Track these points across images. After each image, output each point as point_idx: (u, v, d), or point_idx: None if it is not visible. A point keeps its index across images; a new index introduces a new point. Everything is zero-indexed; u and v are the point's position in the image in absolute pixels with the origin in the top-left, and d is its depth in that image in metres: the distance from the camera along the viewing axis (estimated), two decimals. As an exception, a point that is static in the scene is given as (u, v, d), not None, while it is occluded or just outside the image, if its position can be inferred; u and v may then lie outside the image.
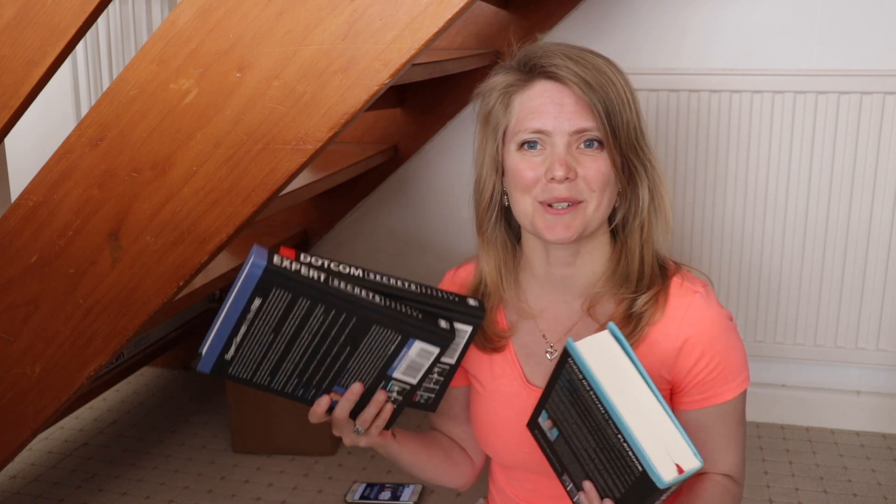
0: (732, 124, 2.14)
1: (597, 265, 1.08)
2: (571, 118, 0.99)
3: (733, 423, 1.09)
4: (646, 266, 1.05)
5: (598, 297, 1.07)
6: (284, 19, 1.31)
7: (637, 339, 1.03)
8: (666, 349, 1.04)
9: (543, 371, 1.09)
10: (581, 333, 1.06)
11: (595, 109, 0.98)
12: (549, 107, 1.00)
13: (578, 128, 0.99)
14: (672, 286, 1.05)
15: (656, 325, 1.04)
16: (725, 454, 1.10)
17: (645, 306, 1.03)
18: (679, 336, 1.04)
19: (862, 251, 2.15)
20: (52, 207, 1.48)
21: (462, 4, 1.25)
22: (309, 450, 2.19)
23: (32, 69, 1.45)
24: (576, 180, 1.00)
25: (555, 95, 1.00)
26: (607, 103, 0.98)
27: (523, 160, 1.02)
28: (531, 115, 1.01)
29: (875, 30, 2.05)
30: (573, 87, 0.99)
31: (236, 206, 1.39)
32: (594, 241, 1.07)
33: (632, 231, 1.06)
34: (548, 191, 1.00)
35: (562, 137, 1.00)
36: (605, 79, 0.99)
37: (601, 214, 1.03)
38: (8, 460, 1.68)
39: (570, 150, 1.00)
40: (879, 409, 2.25)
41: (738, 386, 1.07)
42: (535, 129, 1.01)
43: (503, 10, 2.21)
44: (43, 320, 1.53)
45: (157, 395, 2.58)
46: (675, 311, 1.04)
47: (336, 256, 2.54)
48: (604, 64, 1.01)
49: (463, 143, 2.34)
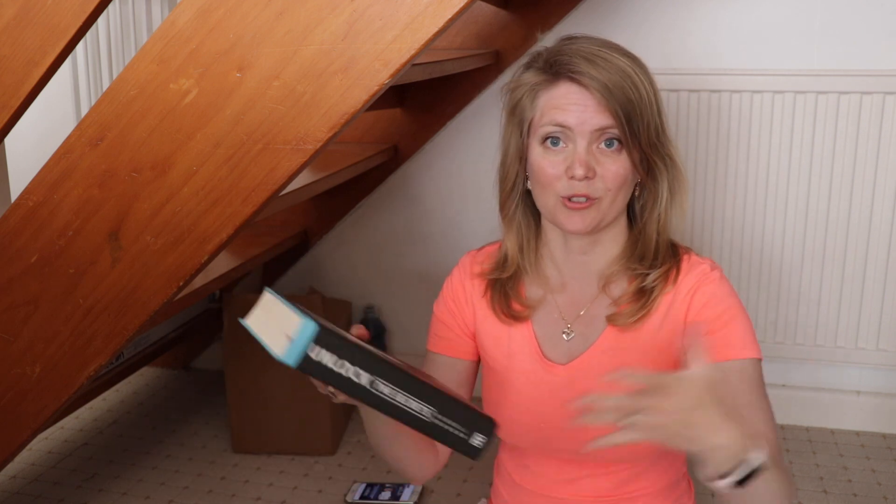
0: (732, 124, 2.14)
1: (614, 250, 1.13)
2: (594, 116, 1.02)
3: (758, 391, 1.05)
4: (660, 249, 1.11)
5: (613, 275, 1.12)
6: (284, 19, 1.31)
7: (650, 309, 1.08)
8: (677, 316, 1.08)
9: (560, 350, 1.13)
10: (596, 312, 1.12)
11: (615, 112, 1.02)
12: (572, 106, 1.04)
13: (600, 126, 1.03)
14: (682, 261, 1.11)
15: (668, 295, 1.09)
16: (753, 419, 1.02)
17: (656, 281, 1.09)
18: (687, 299, 1.08)
19: (862, 251, 2.15)
20: (52, 207, 1.48)
21: (462, 4, 1.25)
22: (309, 450, 2.19)
23: (32, 69, 1.45)
24: (594, 179, 1.04)
25: (578, 97, 1.03)
26: (628, 106, 1.02)
27: (545, 157, 1.06)
28: (555, 110, 1.05)
29: (875, 30, 2.05)
30: (594, 91, 1.02)
31: (236, 206, 1.39)
32: (612, 230, 1.11)
33: (650, 220, 1.11)
34: (569, 187, 1.04)
35: (583, 137, 1.03)
36: (627, 81, 1.02)
37: (616, 208, 1.08)
38: (8, 460, 1.68)
39: (590, 150, 1.04)
40: (879, 409, 2.25)
41: (748, 349, 1.05)
42: (559, 122, 1.04)
43: (503, 10, 2.21)
44: (43, 320, 1.53)
45: (157, 395, 2.58)
46: (685, 279, 1.09)
47: (336, 256, 2.55)
48: (627, 64, 1.04)
49: (463, 143, 2.34)
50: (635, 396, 0.84)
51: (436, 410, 0.87)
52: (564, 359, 1.13)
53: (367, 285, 2.54)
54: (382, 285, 2.53)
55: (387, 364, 0.86)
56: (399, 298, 2.52)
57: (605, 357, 1.10)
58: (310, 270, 2.58)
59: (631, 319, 1.08)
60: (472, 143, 2.33)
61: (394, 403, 0.86)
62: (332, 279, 2.56)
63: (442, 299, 1.23)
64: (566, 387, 1.11)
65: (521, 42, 2.20)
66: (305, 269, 2.58)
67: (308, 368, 0.82)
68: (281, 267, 2.58)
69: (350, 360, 0.83)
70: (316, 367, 0.82)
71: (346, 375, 0.83)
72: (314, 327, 0.81)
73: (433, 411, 0.87)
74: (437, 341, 1.23)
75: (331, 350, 0.82)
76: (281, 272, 2.59)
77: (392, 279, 2.52)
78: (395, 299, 2.53)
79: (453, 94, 2.28)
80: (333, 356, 0.82)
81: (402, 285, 2.51)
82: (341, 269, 2.55)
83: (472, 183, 2.35)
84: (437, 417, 0.87)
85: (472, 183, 2.35)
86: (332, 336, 0.82)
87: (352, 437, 2.27)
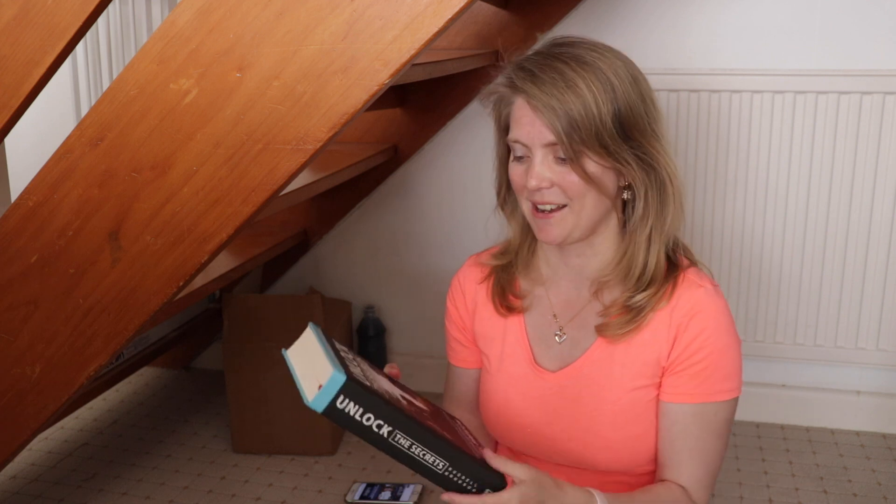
0: (732, 124, 2.14)
1: (607, 255, 1.12)
2: (540, 132, 1.03)
3: (710, 431, 1.08)
4: (650, 263, 1.08)
5: (606, 282, 1.11)
6: (284, 19, 1.30)
7: (639, 324, 1.07)
8: (665, 336, 1.07)
9: (552, 353, 1.13)
10: (589, 316, 1.12)
11: (556, 129, 1.02)
12: (524, 120, 1.05)
13: (546, 141, 1.04)
14: (680, 278, 1.09)
15: (661, 312, 1.07)
16: (689, 464, 1.08)
17: (644, 300, 1.07)
18: (676, 324, 1.07)
19: (862, 251, 2.15)
20: (52, 207, 1.48)
21: (462, 4, 1.25)
22: (309, 450, 2.19)
23: (32, 69, 1.45)
24: (552, 188, 1.05)
25: (527, 113, 1.04)
26: (569, 121, 1.01)
27: (514, 168, 1.09)
28: (515, 124, 1.07)
29: (875, 30, 2.05)
30: (536, 110, 1.03)
31: (236, 206, 1.39)
32: (604, 234, 1.11)
33: (636, 227, 1.09)
34: (532, 196, 1.07)
35: (538, 150, 1.05)
36: (571, 94, 1.01)
37: (587, 216, 1.07)
38: (8, 460, 1.68)
39: (545, 161, 1.05)
40: (879, 409, 2.25)
41: (722, 392, 1.07)
42: (516, 138, 1.06)
43: (503, 10, 2.21)
44: (43, 320, 1.53)
45: (157, 395, 2.58)
46: (678, 301, 1.07)
47: (336, 256, 2.55)
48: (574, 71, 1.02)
49: (463, 143, 2.34)
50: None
51: (448, 465, 0.91)
52: (555, 365, 1.13)
53: (367, 285, 2.54)
54: (382, 285, 2.53)
55: (408, 417, 0.89)
56: (399, 298, 2.52)
57: (593, 367, 1.10)
58: (310, 270, 2.58)
59: (619, 332, 1.08)
60: (472, 143, 2.33)
61: (409, 455, 0.90)
62: (332, 279, 2.56)
63: (447, 314, 1.25)
64: (555, 394, 1.12)
65: (521, 42, 2.19)
66: (305, 269, 2.58)
67: (333, 416, 0.86)
68: (281, 267, 2.58)
69: (374, 414, 0.87)
70: (340, 416, 0.86)
71: (366, 425, 0.87)
72: (343, 380, 0.84)
73: (446, 465, 0.91)
74: (451, 354, 1.27)
75: (356, 402, 0.86)
76: (281, 272, 2.60)
77: (392, 279, 2.52)
78: (395, 299, 2.53)
79: (453, 94, 2.28)
80: (359, 408, 0.86)
81: (401, 285, 2.51)
82: (341, 269, 2.55)
83: (473, 183, 2.35)
84: (449, 471, 0.92)
85: (472, 183, 2.35)
86: (358, 388, 0.86)
87: (352, 437, 2.27)
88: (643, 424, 1.09)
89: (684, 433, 1.07)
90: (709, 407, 1.07)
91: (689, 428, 1.07)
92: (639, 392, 1.08)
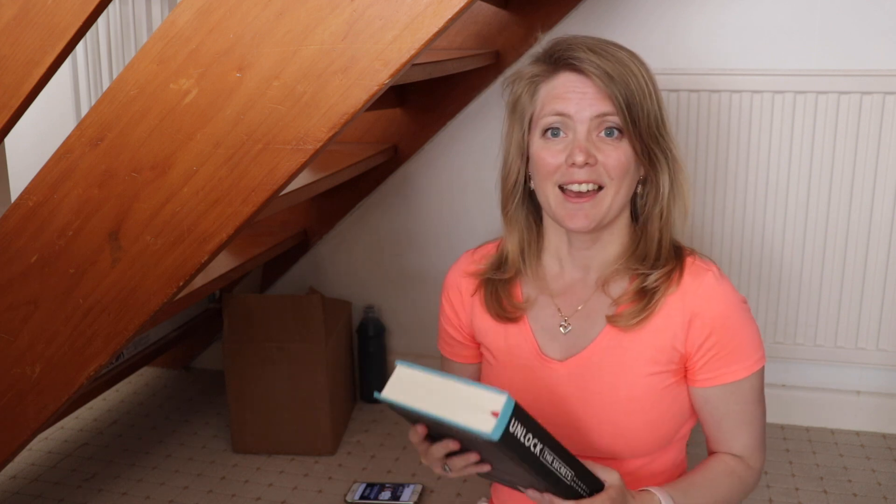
0: (732, 124, 2.14)
1: (616, 247, 1.12)
2: (593, 103, 1.03)
3: (748, 402, 1.11)
4: (663, 248, 1.10)
5: (613, 273, 1.12)
6: (284, 19, 1.30)
7: (652, 311, 1.07)
8: (678, 322, 1.08)
9: (557, 344, 1.13)
10: (595, 309, 1.12)
11: (615, 99, 1.02)
12: (571, 94, 1.04)
13: (600, 112, 1.03)
14: (686, 264, 1.10)
15: (671, 297, 1.08)
16: (737, 434, 1.12)
17: (657, 282, 1.08)
18: (690, 311, 1.07)
19: (862, 251, 2.15)
20: (52, 207, 1.48)
21: (462, 4, 1.24)
22: (309, 450, 2.19)
23: (32, 69, 1.44)
24: (595, 166, 1.04)
25: (577, 85, 1.04)
26: (628, 94, 1.02)
27: (546, 147, 1.06)
28: (555, 100, 1.05)
29: (875, 30, 2.05)
30: (594, 78, 1.03)
31: (236, 206, 1.39)
32: (615, 226, 1.11)
33: (651, 216, 1.10)
34: (568, 175, 1.04)
35: (583, 124, 1.04)
36: (626, 70, 1.03)
37: (620, 202, 1.07)
38: (8, 460, 1.68)
39: (590, 137, 1.04)
40: (879, 409, 2.25)
41: (750, 366, 1.09)
42: (558, 111, 1.04)
43: (503, 10, 2.21)
44: (43, 320, 1.53)
45: (157, 395, 2.58)
46: (688, 285, 1.08)
47: (336, 256, 2.55)
48: (626, 56, 1.05)
49: (463, 143, 2.34)
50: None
51: (574, 474, 0.95)
52: (562, 355, 1.13)
53: (366, 285, 2.54)
54: (382, 285, 2.53)
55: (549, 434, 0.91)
56: (399, 298, 2.52)
57: (604, 355, 1.10)
58: (310, 270, 2.58)
59: (633, 321, 1.08)
60: (473, 143, 2.33)
61: (549, 469, 0.92)
62: (332, 279, 2.56)
63: (442, 310, 1.25)
64: (564, 383, 1.12)
65: (521, 42, 2.20)
66: (305, 269, 2.58)
67: (507, 441, 0.85)
68: (281, 267, 2.58)
69: (533, 433, 0.88)
70: (511, 440, 0.85)
71: (526, 445, 0.88)
72: (514, 402, 0.84)
73: (573, 474, 0.95)
74: (444, 346, 1.27)
75: (522, 422, 0.86)
76: (281, 272, 2.60)
77: (392, 279, 2.52)
78: (395, 299, 2.53)
79: (453, 94, 2.28)
80: (524, 428, 0.86)
81: (401, 285, 2.51)
82: (341, 269, 2.55)
83: (473, 183, 2.35)
84: (574, 480, 0.95)
85: (472, 183, 2.35)
86: (521, 407, 0.86)
87: (352, 437, 2.27)
88: (657, 410, 1.10)
89: (726, 412, 1.10)
90: (742, 383, 1.09)
91: (729, 406, 1.10)
92: (654, 378, 1.09)
